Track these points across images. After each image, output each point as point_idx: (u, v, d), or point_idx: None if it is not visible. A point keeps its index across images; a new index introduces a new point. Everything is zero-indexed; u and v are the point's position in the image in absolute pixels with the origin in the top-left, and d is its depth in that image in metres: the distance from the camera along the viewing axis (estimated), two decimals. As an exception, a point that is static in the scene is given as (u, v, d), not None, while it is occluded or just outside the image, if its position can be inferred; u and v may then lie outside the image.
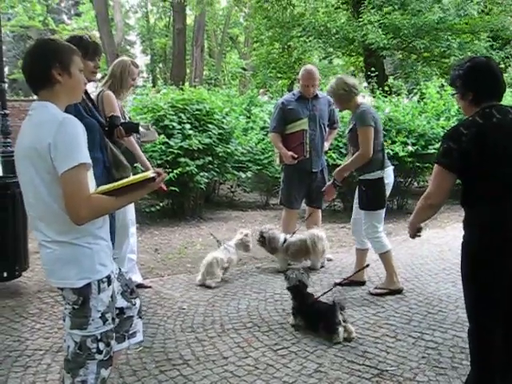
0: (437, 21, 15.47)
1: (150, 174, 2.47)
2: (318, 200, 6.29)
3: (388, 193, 5.15)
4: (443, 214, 9.11)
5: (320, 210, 6.50)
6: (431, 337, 4.15)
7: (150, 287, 5.28)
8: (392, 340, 4.10)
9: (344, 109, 5.39)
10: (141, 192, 2.57)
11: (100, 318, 2.49)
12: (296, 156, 5.95)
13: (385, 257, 5.16)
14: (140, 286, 5.19)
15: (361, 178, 5.10)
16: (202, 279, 5.34)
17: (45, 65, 2.41)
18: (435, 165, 2.99)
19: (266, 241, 5.86)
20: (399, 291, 5.11)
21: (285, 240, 5.82)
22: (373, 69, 10.82)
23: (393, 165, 8.16)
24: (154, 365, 3.68)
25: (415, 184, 10.18)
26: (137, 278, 5.24)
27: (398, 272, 5.24)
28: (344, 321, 4.09)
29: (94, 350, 2.50)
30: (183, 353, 3.86)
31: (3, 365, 3.67)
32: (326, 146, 6.46)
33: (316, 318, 4.19)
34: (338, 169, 5.27)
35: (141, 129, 4.95)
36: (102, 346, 2.51)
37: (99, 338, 2.50)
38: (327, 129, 6.34)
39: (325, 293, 4.41)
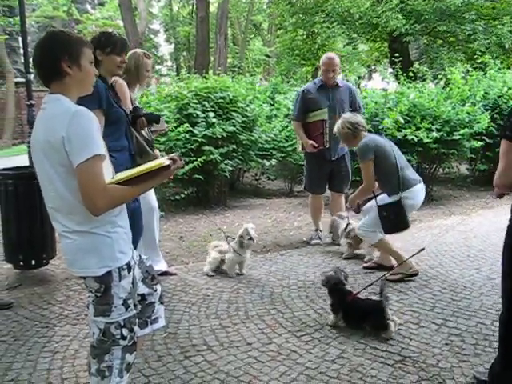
0: (460, 3, 15.17)
1: (165, 161, 2.47)
2: (340, 185, 6.53)
3: (413, 211, 5.28)
4: (469, 201, 9.06)
5: (343, 195, 6.64)
6: (454, 324, 4.15)
7: (175, 274, 5.35)
8: (415, 327, 4.10)
9: (351, 146, 5.46)
10: (156, 180, 2.57)
11: (122, 304, 2.54)
12: (316, 145, 6.13)
13: (380, 244, 5.29)
14: (165, 273, 5.28)
15: (379, 204, 5.10)
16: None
17: (54, 57, 2.41)
18: (502, 141, 2.77)
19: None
20: (415, 274, 5.14)
21: (347, 225, 5.89)
22: (396, 54, 10.70)
23: (417, 151, 8.26)
24: (178, 350, 3.75)
25: (440, 171, 10.10)
26: (162, 265, 5.32)
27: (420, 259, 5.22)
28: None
29: (118, 336, 2.56)
30: (207, 339, 3.92)
31: (32, 350, 3.77)
32: None
33: (361, 316, 4.08)
34: (350, 197, 5.43)
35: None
36: (125, 331, 2.57)
37: (122, 324, 2.56)
38: None
39: (365, 288, 4.35)
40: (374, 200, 5.19)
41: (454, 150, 8.72)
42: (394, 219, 5.04)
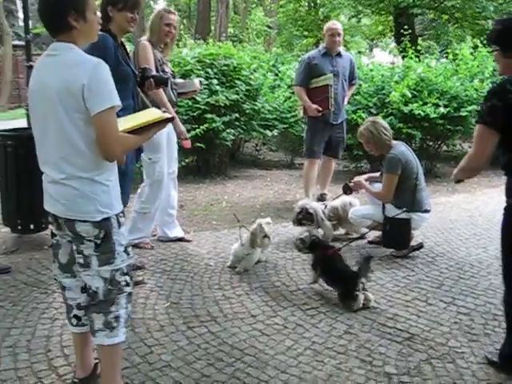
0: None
1: (166, 114, 2.69)
2: (335, 150, 6.75)
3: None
4: (473, 179, 8.91)
5: (334, 160, 6.93)
6: (463, 302, 4.05)
7: (190, 241, 5.31)
8: (423, 304, 4.01)
9: (381, 153, 5.13)
10: (156, 130, 2.71)
11: (124, 251, 2.62)
12: (321, 109, 6.26)
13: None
14: (181, 239, 5.29)
15: (387, 215, 4.97)
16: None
17: (60, 13, 2.43)
18: (477, 125, 2.90)
19: (313, 217, 5.35)
20: (420, 247, 5.11)
21: (325, 207, 5.61)
22: (406, 27, 10.48)
23: (422, 126, 8.12)
24: (181, 321, 3.64)
25: (444, 148, 9.96)
26: (178, 232, 5.32)
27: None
28: (364, 289, 3.92)
29: (124, 283, 2.63)
30: (211, 310, 3.81)
31: (31, 316, 3.66)
32: (346, 100, 6.76)
33: (335, 278, 4.07)
34: (362, 182, 5.31)
35: (179, 80, 4.94)
36: (128, 278, 2.66)
37: (125, 271, 2.63)
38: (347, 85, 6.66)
39: (348, 243, 4.35)
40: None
41: (460, 126, 8.58)
42: (398, 237, 4.94)
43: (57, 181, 2.48)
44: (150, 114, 2.70)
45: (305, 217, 5.32)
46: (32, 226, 5.14)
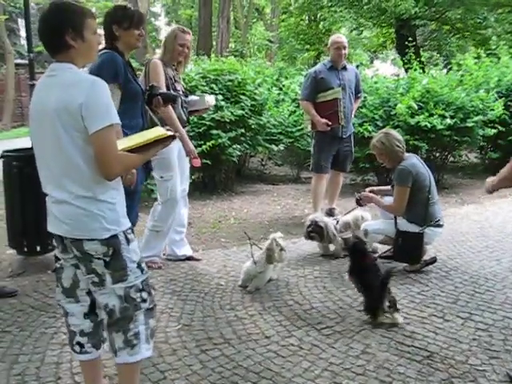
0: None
1: (168, 132, 2.63)
2: (343, 164, 6.73)
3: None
4: (480, 190, 8.80)
5: (342, 174, 6.95)
6: (481, 318, 3.96)
7: (199, 260, 5.23)
8: (440, 320, 3.91)
9: (394, 165, 5.01)
10: (158, 148, 2.66)
11: (137, 267, 2.59)
12: (330, 123, 6.23)
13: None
14: (190, 258, 5.21)
15: (401, 228, 4.91)
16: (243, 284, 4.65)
17: (58, 31, 2.44)
18: None
19: (323, 230, 5.23)
20: (434, 261, 5.03)
21: (337, 222, 5.50)
22: (410, 39, 10.45)
23: (429, 138, 8.06)
24: (194, 344, 3.55)
25: (451, 159, 9.89)
26: (186, 250, 5.25)
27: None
28: (396, 309, 3.83)
29: (139, 300, 2.60)
30: (224, 331, 3.72)
31: (39, 342, 3.57)
32: (353, 113, 6.77)
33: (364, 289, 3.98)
34: (370, 195, 5.23)
35: (191, 97, 4.91)
36: (144, 294, 2.62)
37: (141, 287, 2.60)
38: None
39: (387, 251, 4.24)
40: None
41: (467, 137, 8.51)
42: (410, 251, 4.87)
43: (61, 201, 2.47)
44: (153, 132, 2.66)
45: (314, 230, 5.23)
46: (38, 248, 5.07)
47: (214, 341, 3.59)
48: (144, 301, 2.62)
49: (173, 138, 2.66)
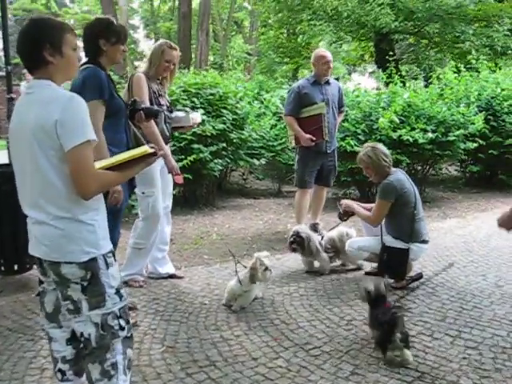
0: (454, 5, 15.03)
1: (150, 149, 2.54)
2: (327, 179, 6.65)
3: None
4: (462, 203, 8.90)
5: (326, 189, 6.88)
6: (469, 335, 3.90)
7: (182, 277, 5.12)
8: (429, 339, 3.85)
9: (380, 179, 4.96)
10: (141, 166, 2.61)
11: (116, 293, 2.51)
12: (314, 139, 6.16)
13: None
14: (172, 276, 5.09)
15: (386, 244, 4.87)
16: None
17: (36, 47, 2.39)
18: None
19: (304, 241, 5.14)
20: (420, 277, 5.03)
21: (322, 238, 5.41)
22: (391, 53, 10.51)
23: (411, 152, 8.06)
24: (179, 366, 3.43)
25: (431, 172, 9.92)
26: (169, 268, 5.13)
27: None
28: (406, 346, 3.53)
29: (117, 327, 2.51)
30: (209, 353, 3.61)
31: (17, 366, 3.42)
32: (336, 128, 6.73)
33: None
34: (350, 203, 5.21)
35: (176, 113, 4.83)
36: (122, 322, 2.53)
37: (118, 314, 2.52)
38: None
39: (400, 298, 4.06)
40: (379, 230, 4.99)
41: (448, 151, 8.55)
42: (395, 267, 4.81)
43: (40, 221, 2.41)
44: (135, 151, 2.58)
45: (295, 240, 5.16)
46: (16, 267, 4.91)
47: (200, 363, 3.48)
48: (122, 329, 2.53)
49: (154, 155, 2.57)
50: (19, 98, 2.53)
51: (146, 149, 2.53)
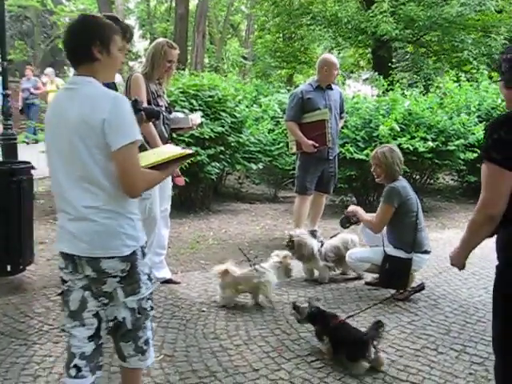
0: (455, 14, 14.99)
1: (188, 150, 2.69)
2: (327, 185, 6.55)
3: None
4: (460, 214, 8.83)
5: (326, 195, 6.77)
6: (474, 350, 3.82)
7: (179, 283, 5.02)
8: (433, 353, 3.75)
9: (385, 182, 4.93)
10: (176, 165, 2.78)
11: (148, 279, 2.61)
12: (317, 145, 6.04)
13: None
14: (169, 281, 4.99)
15: (388, 253, 4.80)
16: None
17: (86, 42, 2.44)
18: (484, 164, 2.37)
19: (294, 244, 5.14)
20: (422, 288, 4.88)
21: (322, 245, 5.30)
22: (394, 60, 10.44)
23: (410, 160, 7.97)
24: (177, 377, 3.32)
25: (431, 182, 9.86)
26: (165, 273, 5.04)
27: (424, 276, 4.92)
28: (376, 352, 3.49)
29: (149, 309, 2.65)
30: (209, 363, 3.50)
31: (10, 373, 3.29)
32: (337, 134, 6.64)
33: (340, 343, 3.59)
34: (356, 210, 5.11)
35: (175, 114, 4.73)
36: (151, 302, 2.67)
37: (148, 296, 2.64)
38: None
39: (352, 315, 3.93)
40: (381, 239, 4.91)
41: (448, 160, 8.47)
42: (397, 277, 4.74)
43: (80, 217, 2.42)
44: (171, 150, 2.71)
45: (287, 243, 5.15)
46: (9, 268, 4.77)
47: (199, 374, 3.37)
48: (152, 308, 2.68)
49: (192, 156, 2.70)
50: (56, 94, 2.59)
51: (184, 150, 2.66)
